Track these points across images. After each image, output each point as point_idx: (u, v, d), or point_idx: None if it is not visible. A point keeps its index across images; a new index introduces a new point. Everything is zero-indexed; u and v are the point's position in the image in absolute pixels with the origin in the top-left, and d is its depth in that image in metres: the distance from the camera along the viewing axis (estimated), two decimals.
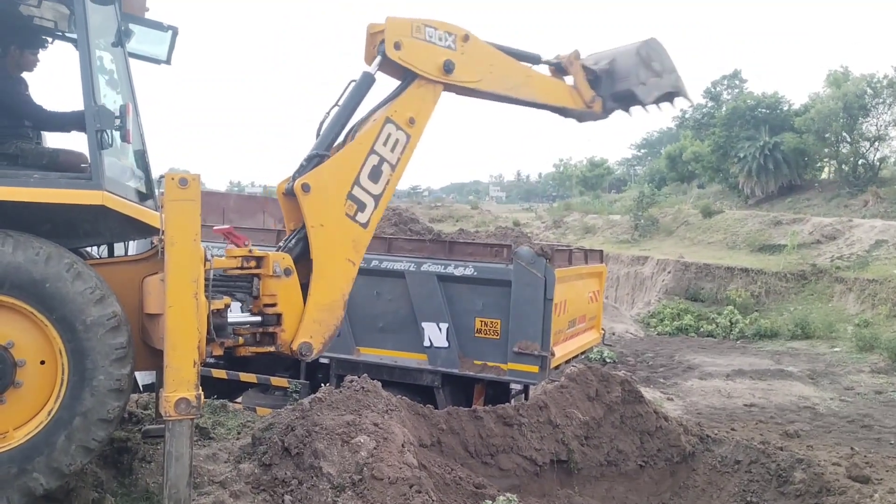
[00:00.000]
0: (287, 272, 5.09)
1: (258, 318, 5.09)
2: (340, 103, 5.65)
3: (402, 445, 5.66)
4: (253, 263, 5.09)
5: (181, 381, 4.44)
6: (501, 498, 4.46)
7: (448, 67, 5.74)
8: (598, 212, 50.37)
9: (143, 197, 5.17)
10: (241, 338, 5.11)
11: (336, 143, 5.65)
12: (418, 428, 6.82)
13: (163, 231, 4.55)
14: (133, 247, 6.44)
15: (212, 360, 9.50)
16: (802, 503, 7.09)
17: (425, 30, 5.74)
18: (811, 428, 10.67)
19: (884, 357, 15.65)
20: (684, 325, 21.62)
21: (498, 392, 9.32)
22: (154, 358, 4.89)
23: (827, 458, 8.12)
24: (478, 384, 9.10)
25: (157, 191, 5.36)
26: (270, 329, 5.10)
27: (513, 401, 8.99)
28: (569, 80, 6.63)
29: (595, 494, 7.54)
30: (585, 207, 55.34)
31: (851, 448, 9.16)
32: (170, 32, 5.83)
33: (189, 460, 4.49)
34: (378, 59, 5.64)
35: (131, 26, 5.56)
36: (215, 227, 5.48)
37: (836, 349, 17.49)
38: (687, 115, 75.90)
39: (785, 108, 51.82)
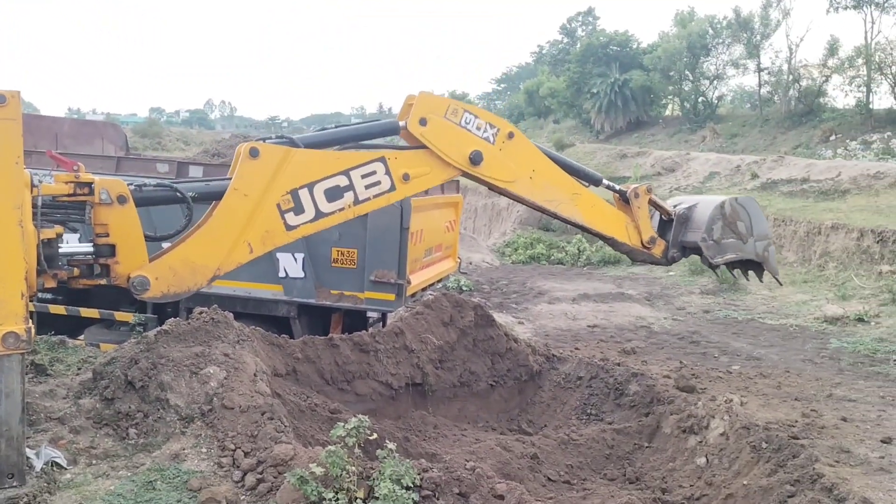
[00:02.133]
0: (121, 200, 4.75)
1: (90, 249, 4.79)
2: (351, 124, 5.35)
3: (255, 375, 5.62)
4: (86, 190, 4.76)
5: (8, 314, 4.16)
6: (353, 419, 4.55)
7: (475, 159, 5.43)
8: None
9: None
10: (76, 269, 4.81)
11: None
12: (272, 357, 6.79)
13: None
14: None
15: (49, 296, 9.04)
16: (636, 412, 7.70)
17: (463, 114, 5.43)
18: (646, 345, 11.52)
19: (712, 280, 17.05)
20: (536, 254, 22.55)
21: (355, 321, 9.41)
22: None
23: (659, 371, 8.82)
24: (335, 313, 9.15)
25: None
26: (102, 261, 4.80)
27: (370, 329, 9.11)
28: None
29: (448, 414, 7.85)
30: None
31: (680, 362, 9.98)
32: None
33: (21, 396, 4.25)
34: (403, 123, 5.35)
35: None
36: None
37: (670, 273, 18.86)
38: (544, 51, 77.27)
39: (634, 47, 54.03)
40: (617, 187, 6.31)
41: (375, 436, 4.68)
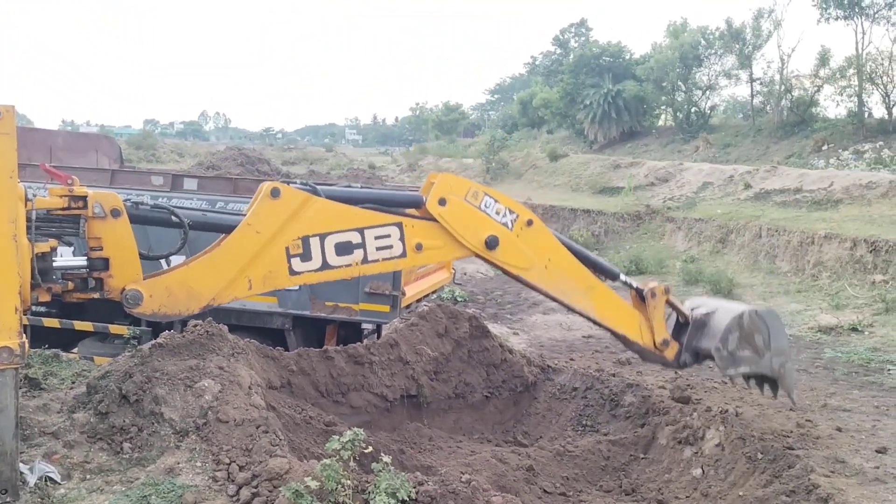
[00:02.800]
0: (115, 213, 4.76)
1: (84, 262, 4.80)
2: (377, 188, 5.41)
3: (249, 388, 5.61)
4: (80, 204, 4.77)
5: (2, 329, 4.16)
6: (348, 432, 4.54)
7: (491, 243, 5.42)
8: (452, 155, 51.11)
9: None
10: (70, 283, 4.82)
11: None
12: (267, 370, 6.78)
13: None
14: None
15: (43, 309, 9.00)
16: (632, 423, 7.70)
17: (483, 197, 5.42)
18: None
19: (707, 289, 17.08)
20: None
21: (350, 332, 9.40)
22: None
23: (654, 382, 8.79)
24: (330, 325, 9.14)
25: None
26: (96, 274, 4.81)
27: (365, 341, 9.10)
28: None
29: (443, 425, 7.83)
30: (440, 151, 55.91)
31: (675, 372, 9.94)
32: None
33: (15, 411, 4.24)
34: (424, 202, 5.37)
35: None
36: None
37: (665, 284, 18.85)
38: (537, 62, 77.54)
39: (627, 58, 54.33)
40: (634, 284, 6.26)
41: (370, 448, 4.67)
